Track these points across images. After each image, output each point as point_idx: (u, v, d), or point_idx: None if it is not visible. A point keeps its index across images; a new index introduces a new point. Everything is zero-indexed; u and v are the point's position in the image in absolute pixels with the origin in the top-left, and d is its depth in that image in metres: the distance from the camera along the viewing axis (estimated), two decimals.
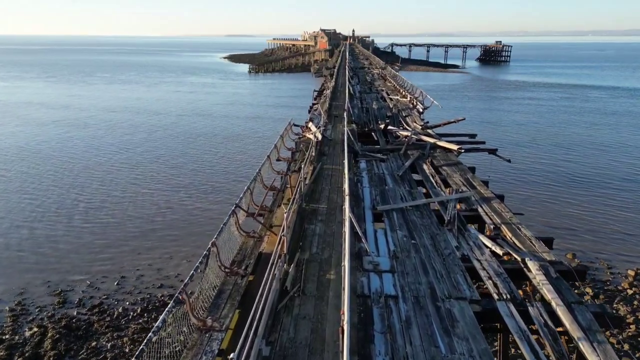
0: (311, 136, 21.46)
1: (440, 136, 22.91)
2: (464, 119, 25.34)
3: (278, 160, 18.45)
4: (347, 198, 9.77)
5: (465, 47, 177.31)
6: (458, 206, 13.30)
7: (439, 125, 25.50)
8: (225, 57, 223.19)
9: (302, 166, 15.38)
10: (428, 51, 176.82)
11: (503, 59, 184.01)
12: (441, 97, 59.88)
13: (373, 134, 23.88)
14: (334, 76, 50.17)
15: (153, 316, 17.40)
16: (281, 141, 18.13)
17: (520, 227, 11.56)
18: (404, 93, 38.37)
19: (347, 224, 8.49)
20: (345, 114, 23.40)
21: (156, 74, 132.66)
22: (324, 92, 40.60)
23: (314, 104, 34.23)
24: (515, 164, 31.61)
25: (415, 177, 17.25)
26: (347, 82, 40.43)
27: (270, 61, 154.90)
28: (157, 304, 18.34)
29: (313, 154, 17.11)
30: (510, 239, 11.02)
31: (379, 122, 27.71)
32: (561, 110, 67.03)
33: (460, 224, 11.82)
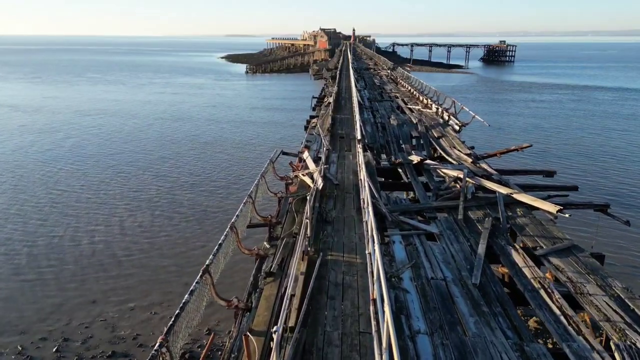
0: (307, 180, 13.50)
1: (500, 174, 14.98)
2: (531, 145, 17.34)
3: (255, 224, 10.55)
4: None
5: (468, 47, 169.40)
6: None
7: (494, 155, 17.53)
8: (222, 57, 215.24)
9: (289, 269, 7.47)
10: (430, 51, 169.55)
11: (507, 59, 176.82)
12: None
13: (400, 170, 15.90)
14: (337, 79, 42.09)
15: None
16: (251, 206, 10.04)
17: None
18: (426, 102, 30.37)
19: None
20: (358, 143, 15.25)
21: (148, 74, 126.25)
22: (325, 99, 32.65)
23: (311, 118, 26.23)
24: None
25: (492, 266, 9.29)
26: (353, 87, 32.41)
27: (268, 61, 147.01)
28: None
29: (308, 230, 9.12)
30: None
31: (402, 145, 19.78)
32: (575, 114, 60.04)
33: None
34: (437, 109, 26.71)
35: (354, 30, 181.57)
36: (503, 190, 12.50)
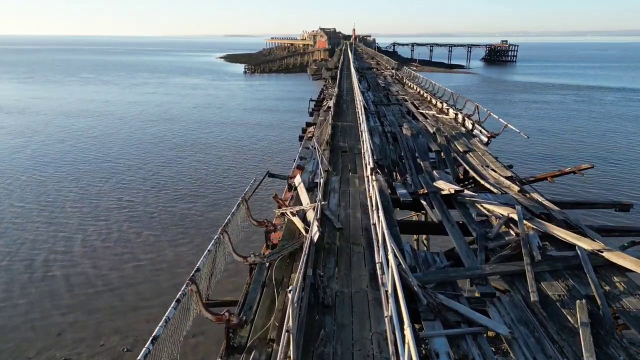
0: (297, 222, 9.51)
1: (558, 206, 10.95)
2: (592, 166, 13.34)
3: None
4: None
5: (469, 46, 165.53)
6: None
7: (543, 178, 13.52)
8: (221, 57, 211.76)
9: None
10: (431, 51, 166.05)
11: (509, 59, 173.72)
12: None
13: (423, 202, 11.85)
14: (337, 80, 38.08)
15: None
16: (195, 297, 6.00)
17: None
18: (440, 105, 26.34)
19: None
20: (371, 173, 11.10)
21: (144, 74, 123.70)
22: (324, 102, 28.66)
23: (307, 125, 22.19)
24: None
25: None
26: (356, 89, 28.38)
27: (266, 61, 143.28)
28: None
29: (291, 351, 5.15)
30: None
31: (419, 162, 15.77)
32: (582, 115, 56.61)
33: None
34: (456, 114, 22.67)
35: (354, 29, 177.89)
36: (585, 244, 8.44)
